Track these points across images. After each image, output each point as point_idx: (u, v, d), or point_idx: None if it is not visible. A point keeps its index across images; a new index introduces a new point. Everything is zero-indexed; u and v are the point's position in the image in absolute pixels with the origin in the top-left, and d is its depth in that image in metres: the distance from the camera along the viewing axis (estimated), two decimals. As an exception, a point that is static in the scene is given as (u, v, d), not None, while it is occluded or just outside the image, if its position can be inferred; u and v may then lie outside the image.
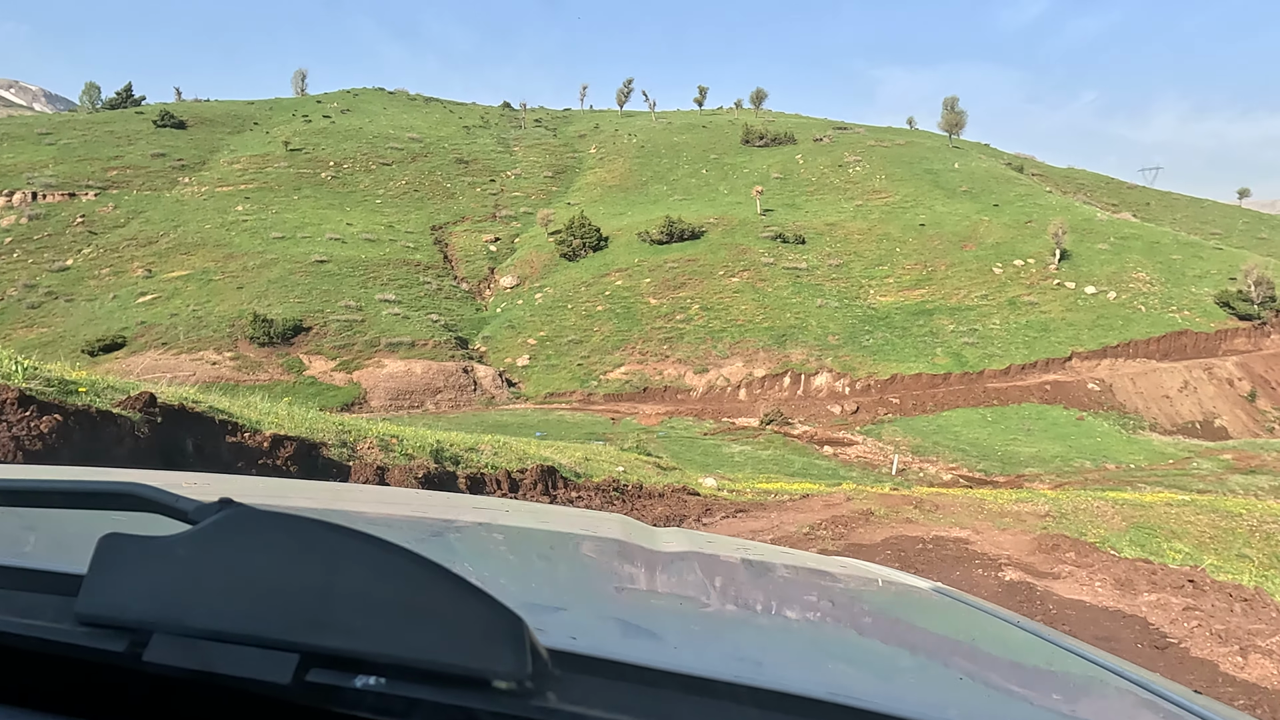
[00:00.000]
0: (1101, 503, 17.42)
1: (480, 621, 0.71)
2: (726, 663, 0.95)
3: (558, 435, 42.92)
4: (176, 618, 0.74)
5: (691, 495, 12.50)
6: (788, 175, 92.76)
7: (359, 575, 0.73)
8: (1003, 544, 9.00)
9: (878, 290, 67.83)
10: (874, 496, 15.52)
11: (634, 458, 16.27)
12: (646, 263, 69.87)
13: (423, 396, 55.16)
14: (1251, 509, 17.77)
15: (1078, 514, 15.23)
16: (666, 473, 16.23)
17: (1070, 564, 7.39)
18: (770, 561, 1.94)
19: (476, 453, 9.76)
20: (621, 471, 13.49)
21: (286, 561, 0.74)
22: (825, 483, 29.93)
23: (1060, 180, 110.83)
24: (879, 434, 47.41)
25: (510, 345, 62.81)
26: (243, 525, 0.78)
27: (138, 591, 0.77)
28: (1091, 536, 11.86)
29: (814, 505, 12.77)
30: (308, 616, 0.71)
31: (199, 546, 0.77)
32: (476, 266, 77.24)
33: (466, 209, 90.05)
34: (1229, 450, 44.02)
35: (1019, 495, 18.98)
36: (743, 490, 15.53)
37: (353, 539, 0.75)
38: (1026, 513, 15.05)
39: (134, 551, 0.78)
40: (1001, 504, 16.60)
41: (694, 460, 36.61)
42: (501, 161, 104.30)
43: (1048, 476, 37.96)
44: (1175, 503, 17.90)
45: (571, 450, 15.20)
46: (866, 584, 1.85)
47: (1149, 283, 67.98)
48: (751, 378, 57.35)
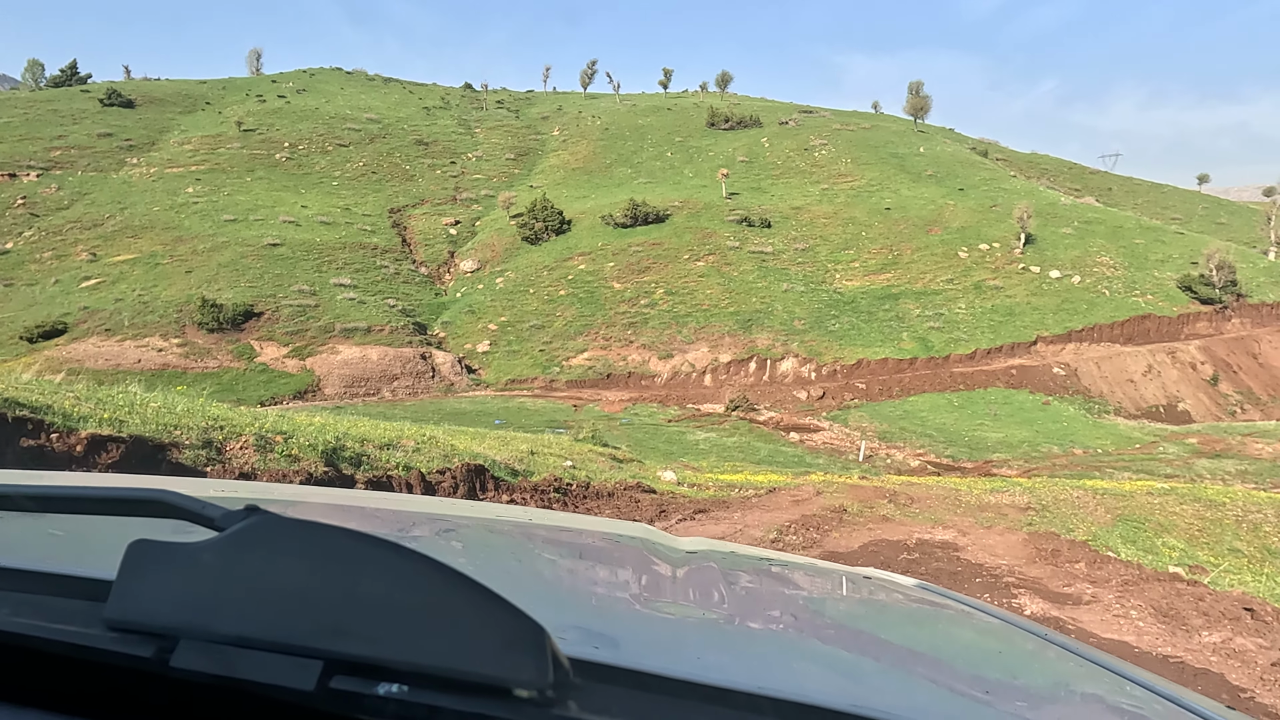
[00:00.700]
0: (1080, 492, 16.61)
1: (502, 630, 0.71)
2: (749, 673, 0.95)
3: (518, 423, 41.64)
4: (203, 623, 0.75)
5: (646, 493, 11.33)
6: (753, 158, 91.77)
7: (382, 583, 0.73)
8: (995, 549, 8.02)
9: (844, 274, 67.17)
10: (844, 489, 14.54)
11: (588, 449, 15.09)
12: (610, 246, 68.56)
13: (379, 384, 53.53)
14: (1233, 498, 17.08)
15: (1059, 506, 14.35)
16: (623, 465, 15.10)
17: (1084, 579, 6.41)
18: (793, 570, 1.99)
19: (392, 450, 8.49)
20: (570, 467, 12.26)
21: (311, 568, 0.75)
22: (792, 471, 29.03)
23: (1024, 165, 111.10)
24: (845, 420, 46.71)
25: (470, 331, 61.28)
26: (268, 532, 0.79)
27: (165, 597, 0.78)
28: (1081, 533, 10.93)
29: (781, 502, 11.73)
30: (331, 623, 0.72)
31: (225, 553, 0.78)
32: (436, 250, 75.41)
33: (426, 191, 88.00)
34: (1194, 434, 43.91)
35: (994, 485, 18.15)
36: (704, 484, 14.46)
37: (376, 547, 0.76)
38: (1006, 505, 14.14)
39: (162, 558, 0.80)
40: (978, 495, 15.70)
41: (657, 448, 35.56)
42: (462, 143, 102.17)
43: (1016, 462, 37.45)
44: (1155, 491, 17.15)
45: (517, 443, 14.00)
46: (889, 594, 1.84)
47: (1112, 267, 68.02)
48: (717, 363, 56.41)
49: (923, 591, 1.97)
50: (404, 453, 8.65)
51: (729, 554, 2.04)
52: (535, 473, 10.74)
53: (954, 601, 1.87)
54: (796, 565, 2.12)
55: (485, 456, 9.98)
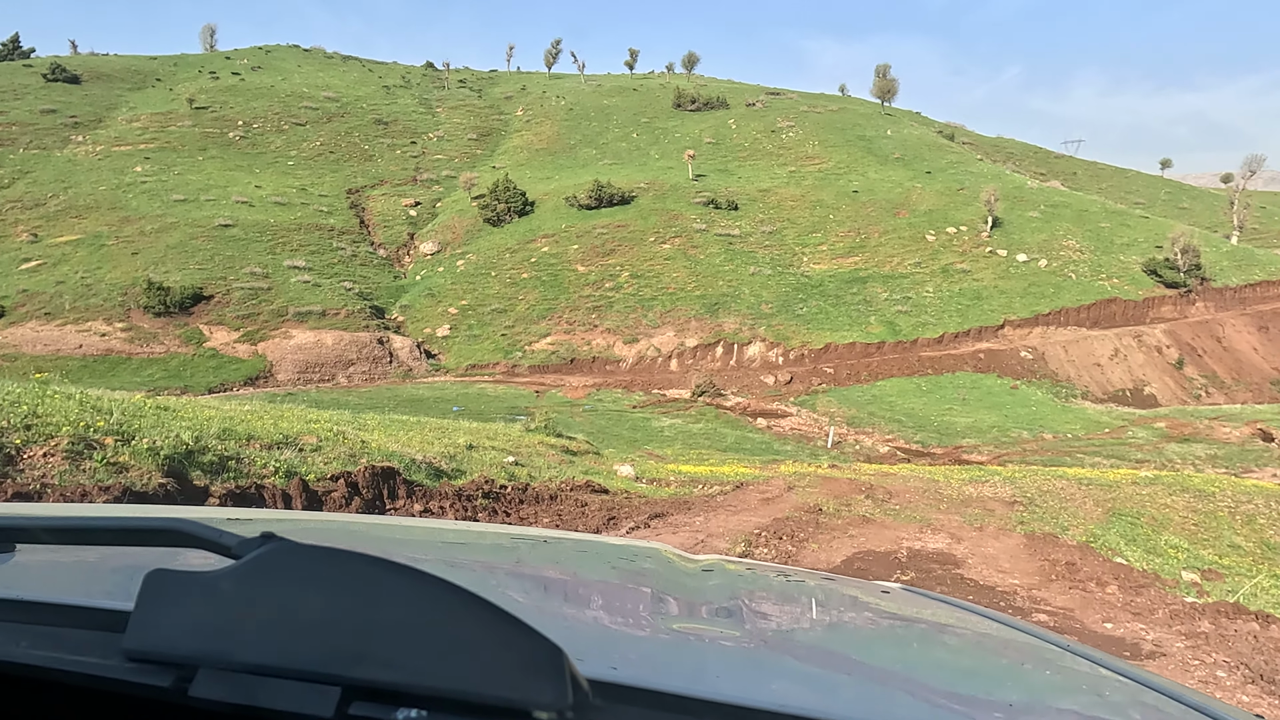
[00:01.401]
0: (1063, 483, 15.68)
1: (519, 652, 0.71)
2: (771, 692, 0.96)
3: (477, 410, 40.25)
4: (222, 652, 0.75)
5: (596, 494, 10.01)
6: (720, 140, 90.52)
7: (399, 608, 0.73)
8: (998, 560, 6.96)
9: (811, 258, 66.30)
10: (817, 482, 13.45)
11: (538, 441, 13.77)
12: (574, 228, 67.06)
13: (334, 369, 51.76)
14: (1221, 487, 16.27)
15: (1046, 499, 13.36)
16: (576, 459, 13.81)
17: (1122, 607, 5.33)
18: (810, 584, 1.97)
19: (283, 449, 7.15)
20: (511, 463, 10.88)
21: (328, 595, 0.75)
22: (759, 459, 28.00)
23: (990, 149, 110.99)
24: (813, 405, 45.86)
25: (430, 315, 59.57)
26: (285, 560, 0.79)
27: (184, 627, 0.78)
28: (1077, 532, 9.90)
29: (749, 500, 10.58)
30: (350, 649, 0.72)
31: (243, 581, 0.78)
32: (395, 232, 73.39)
33: (385, 172, 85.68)
34: (1162, 418, 43.63)
35: (971, 474, 17.20)
36: (665, 479, 13.23)
37: (393, 572, 0.75)
38: (990, 498, 13.12)
39: (179, 587, 0.80)
40: (958, 487, 14.68)
41: (621, 436, 34.37)
42: (423, 123, 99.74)
43: (986, 448, 36.80)
44: (1141, 481, 16.28)
45: (457, 435, 12.64)
46: (913, 609, 1.82)
47: (1079, 251, 67.85)
48: (683, 348, 55.31)
49: (946, 605, 1.90)
50: (297, 452, 7.29)
51: (744, 569, 2.07)
52: (468, 472, 9.37)
53: (976, 615, 1.80)
54: (813, 579, 2.10)
55: (403, 455, 8.61)
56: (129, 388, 43.50)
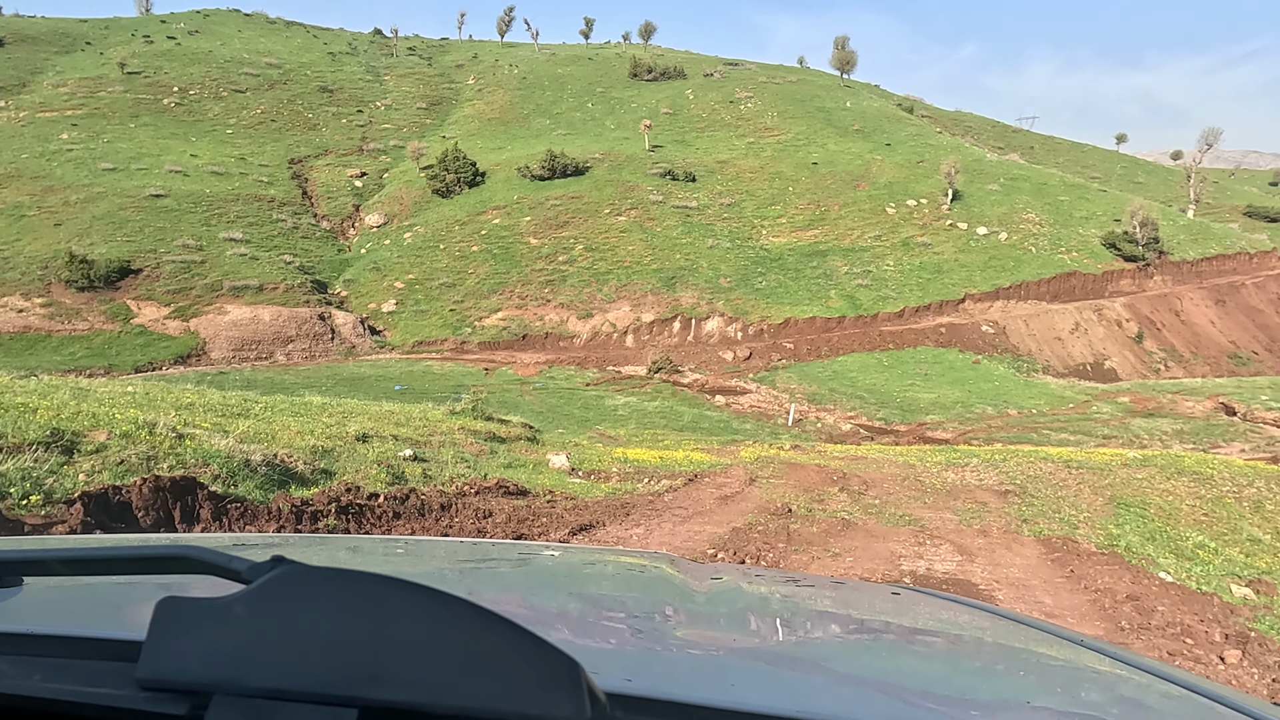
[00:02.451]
0: (1051, 466, 14.23)
1: (536, 666, 0.70)
2: (788, 698, 0.95)
3: (421, 389, 38.17)
4: (236, 678, 0.75)
5: (510, 498, 8.06)
6: (677, 111, 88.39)
7: (413, 626, 0.73)
8: (1031, 587, 5.39)
9: (770, 230, 64.76)
10: (782, 471, 11.81)
11: (458, 426, 11.80)
12: (527, 200, 64.71)
13: (272, 346, 49.13)
14: (1216, 469, 14.97)
15: (1038, 487, 11.85)
16: (503, 447, 11.94)
17: (1238, 667, 3.76)
18: (821, 591, 1.94)
19: (40, 450, 5.34)
20: (406, 458, 8.86)
21: (341, 616, 0.75)
22: (718, 439, 26.40)
23: (948, 122, 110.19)
24: (773, 381, 44.44)
25: (375, 289, 57.01)
26: (296, 582, 0.79)
27: (197, 654, 0.77)
28: (1090, 531, 8.33)
29: (703, 500, 8.87)
30: (365, 670, 0.72)
31: (254, 606, 0.78)
32: (340, 203, 70.34)
33: (330, 141, 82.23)
34: (1124, 393, 42.92)
35: (949, 457, 15.74)
36: (606, 471, 11.45)
37: (405, 590, 0.75)
38: (977, 487, 11.57)
39: (191, 614, 0.79)
40: (938, 473, 13.14)
41: (572, 415, 32.57)
42: (371, 91, 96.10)
43: (950, 424, 35.64)
44: (1132, 463, 14.91)
45: (351, 421, 10.69)
46: (925, 610, 1.79)
47: (1038, 224, 67.19)
48: (639, 323, 53.52)
49: (958, 605, 1.86)
50: (60, 455, 5.41)
51: (754, 576, 2.06)
52: (338, 474, 7.50)
53: (988, 613, 1.77)
54: (823, 584, 2.10)
55: (234, 457, 6.71)
56: (48, 367, 40.55)
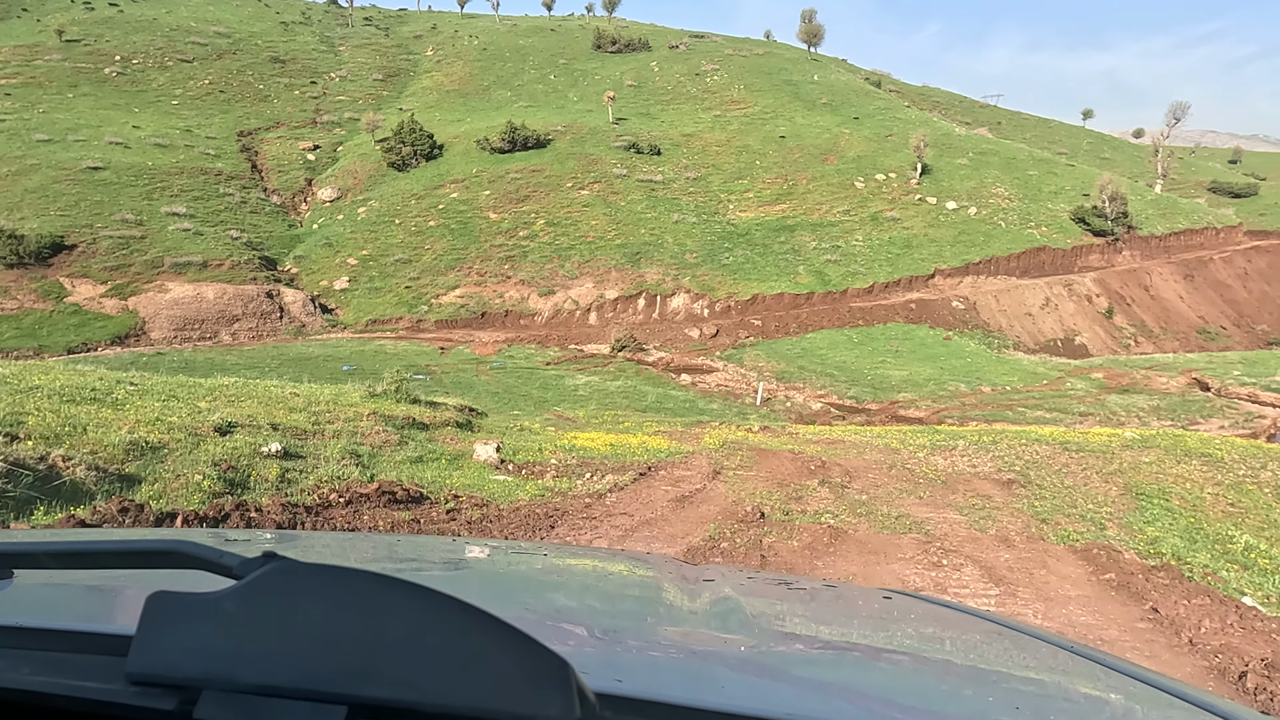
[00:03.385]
0: (1047, 449, 12.86)
1: (526, 666, 0.70)
2: (777, 700, 0.95)
3: (372, 369, 36.18)
4: (225, 674, 0.75)
5: (395, 508, 6.14)
6: (642, 83, 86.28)
7: (404, 624, 0.73)
8: (1114, 641, 3.94)
9: (737, 205, 63.20)
10: (751, 459, 10.31)
11: (367, 411, 9.74)
12: (486, 173, 62.51)
13: (216, 326, 46.77)
14: (1223, 450, 13.71)
15: (1042, 474, 10.45)
16: (423, 435, 10.21)
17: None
18: (813, 594, 1.93)
19: None
20: (273, 453, 7.19)
21: (332, 613, 0.74)
22: (682, 420, 24.87)
23: (916, 97, 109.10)
24: (741, 359, 43.02)
25: (327, 266, 54.65)
26: (287, 579, 0.78)
27: (186, 649, 0.77)
28: (1122, 533, 6.87)
29: (655, 500, 7.31)
30: (355, 668, 0.72)
31: (245, 601, 0.77)
32: (291, 177, 67.59)
33: (282, 113, 79.18)
34: (1097, 369, 42.07)
35: (933, 439, 14.34)
36: (543, 464, 9.78)
37: (396, 588, 0.74)
38: (973, 475, 10.13)
39: (181, 609, 0.79)
40: (926, 457, 11.70)
41: (530, 395, 30.89)
42: (325, 62, 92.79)
43: (923, 402, 34.46)
44: (1132, 444, 13.61)
45: (237, 403, 8.96)
46: (915, 614, 1.79)
47: (1007, 199, 66.31)
48: (603, 300, 51.79)
49: (950, 610, 1.86)
50: None
51: (746, 578, 2.03)
52: (150, 479, 5.81)
53: (979, 619, 1.77)
54: (815, 586, 2.09)
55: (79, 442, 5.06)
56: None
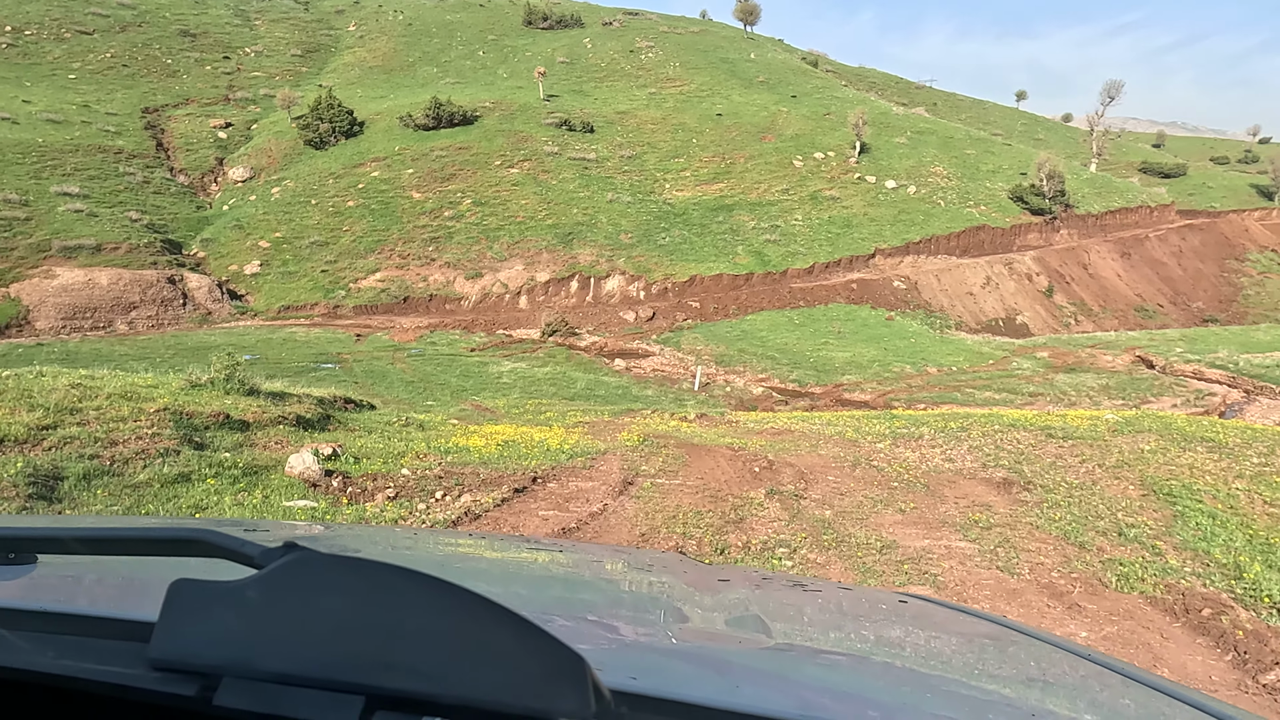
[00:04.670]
0: (1030, 436, 10.96)
1: (542, 661, 0.70)
2: (792, 701, 0.95)
3: (276, 358, 33.20)
4: (245, 661, 0.75)
5: None
6: (575, 60, 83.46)
7: (423, 617, 0.73)
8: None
9: (674, 184, 61.06)
10: (679, 457, 8.18)
11: (155, 408, 6.98)
12: (409, 151, 59.28)
13: (111, 314, 43.00)
14: (1220, 433, 11.99)
15: (1039, 471, 8.47)
16: (232, 437, 7.81)
17: None
18: (828, 595, 1.93)
19: None
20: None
21: (352, 604, 0.75)
22: (612, 408, 22.63)
23: (852, 78, 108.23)
24: (678, 343, 40.96)
25: (237, 249, 51.01)
26: (308, 569, 0.79)
27: (208, 636, 0.78)
28: (1199, 566, 4.83)
29: (523, 531, 5.14)
30: (373, 659, 0.72)
31: (265, 591, 0.78)
32: (200, 156, 63.36)
33: (192, 89, 74.45)
34: (1042, 348, 41.04)
35: (894, 427, 12.37)
36: (392, 472, 7.43)
37: (416, 581, 0.75)
38: (956, 474, 8.09)
39: (203, 597, 0.80)
40: (890, 451, 9.67)
41: (448, 384, 28.33)
42: (239, 37, 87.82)
43: (869, 384, 32.80)
44: (1121, 429, 11.79)
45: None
46: (932, 618, 1.79)
47: (946, 178, 65.44)
48: (534, 283, 49.22)
49: (966, 616, 1.86)
50: None
51: (761, 579, 2.03)
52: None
53: (997, 625, 1.77)
54: (830, 588, 2.07)
55: None
56: None
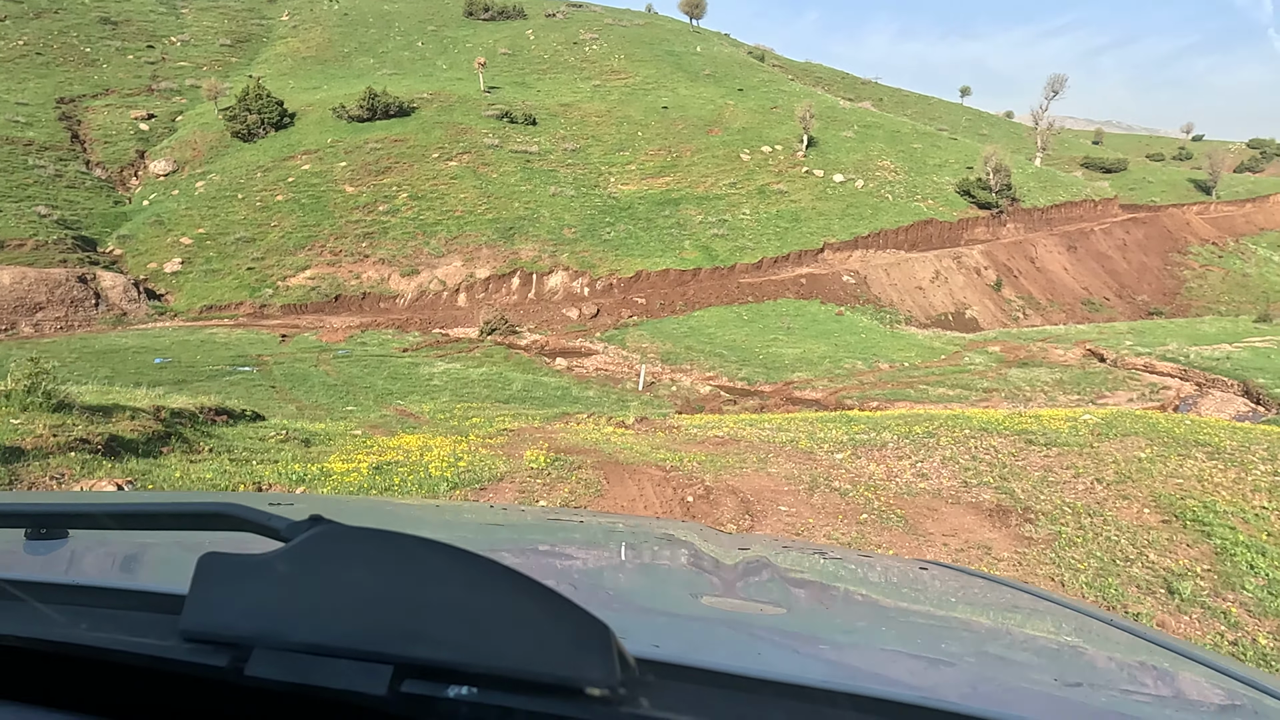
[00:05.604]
0: (1006, 443, 9.62)
1: (568, 630, 0.71)
2: (815, 668, 0.97)
3: (190, 361, 30.89)
4: (276, 632, 0.77)
5: None
6: (517, 51, 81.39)
7: (449, 587, 0.74)
8: None
9: (619, 178, 59.47)
10: (592, 482, 6.63)
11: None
12: (343, 143, 56.80)
13: (14, 316, 40.01)
14: (1215, 435, 10.82)
15: (1026, 487, 7.08)
16: None
17: None
18: (850, 564, 1.94)
19: None
20: None
21: (378, 575, 0.76)
22: (547, 412, 21.00)
23: (799, 72, 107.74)
24: (623, 340, 39.41)
25: (157, 247, 48.14)
26: (334, 542, 0.80)
27: (238, 608, 0.80)
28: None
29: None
30: (400, 629, 0.73)
31: (294, 563, 0.79)
32: (119, 149, 60.06)
33: (112, 79, 70.78)
34: (993, 342, 40.32)
35: (853, 432, 10.98)
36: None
37: (441, 552, 0.76)
38: (934, 496, 6.64)
39: (232, 570, 0.81)
40: (852, 464, 8.23)
41: (374, 387, 26.41)
42: (164, 25, 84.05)
43: (819, 381, 31.61)
44: (1106, 433, 10.51)
45: None
46: (954, 584, 1.80)
47: (894, 171, 64.91)
48: (473, 280, 47.25)
49: (988, 582, 1.87)
50: None
51: (781, 547, 2.04)
52: None
53: (1021, 592, 1.78)
54: (852, 556, 2.08)
55: None
56: None
